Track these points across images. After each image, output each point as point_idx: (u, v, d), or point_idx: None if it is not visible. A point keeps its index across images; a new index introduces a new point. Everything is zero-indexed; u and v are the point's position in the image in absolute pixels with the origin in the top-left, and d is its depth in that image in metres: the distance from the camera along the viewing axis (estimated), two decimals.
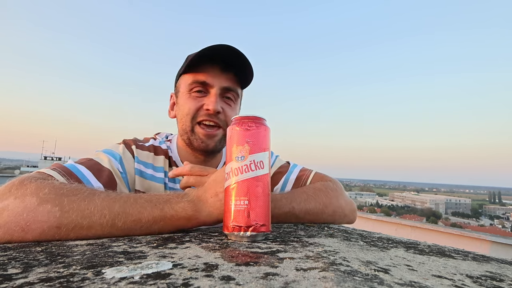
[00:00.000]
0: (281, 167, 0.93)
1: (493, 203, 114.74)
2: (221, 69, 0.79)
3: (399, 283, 0.31)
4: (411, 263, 0.40)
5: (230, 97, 0.82)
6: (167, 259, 0.36)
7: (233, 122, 0.54)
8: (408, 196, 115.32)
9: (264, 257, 0.39)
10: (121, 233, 0.51)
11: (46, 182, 0.53)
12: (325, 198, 0.75)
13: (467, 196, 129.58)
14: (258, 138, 0.51)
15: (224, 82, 0.79)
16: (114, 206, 0.51)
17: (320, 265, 0.35)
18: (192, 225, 0.55)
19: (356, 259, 0.40)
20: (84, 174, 0.66)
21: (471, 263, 0.43)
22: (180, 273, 0.31)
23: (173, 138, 0.91)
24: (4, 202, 0.49)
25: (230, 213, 0.49)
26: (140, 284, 0.28)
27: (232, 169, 0.50)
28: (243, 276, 0.31)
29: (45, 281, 0.28)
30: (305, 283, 0.29)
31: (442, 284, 0.32)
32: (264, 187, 0.51)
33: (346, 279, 0.31)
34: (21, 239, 0.46)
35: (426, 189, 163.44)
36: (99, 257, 0.37)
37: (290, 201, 0.70)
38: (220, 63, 0.79)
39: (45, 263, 0.34)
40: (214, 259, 0.37)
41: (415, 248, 0.51)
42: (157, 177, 0.81)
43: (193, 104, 0.79)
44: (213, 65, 0.79)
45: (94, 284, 0.27)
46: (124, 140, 0.83)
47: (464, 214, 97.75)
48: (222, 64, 0.79)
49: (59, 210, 0.48)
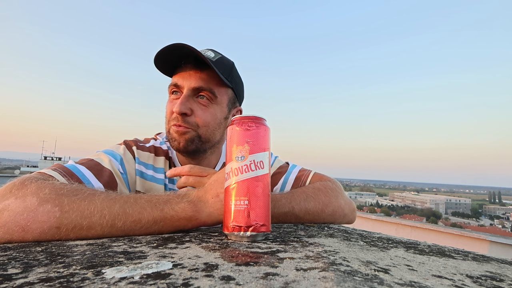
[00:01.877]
0: (281, 168, 0.93)
1: (493, 203, 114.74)
2: (195, 68, 0.77)
3: (399, 283, 0.31)
4: (411, 263, 0.40)
5: (204, 97, 0.78)
6: (167, 259, 0.36)
7: (233, 122, 0.54)
8: (408, 196, 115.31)
9: (264, 257, 0.39)
10: (121, 233, 0.51)
11: (46, 182, 0.53)
12: (325, 198, 0.75)
13: (467, 196, 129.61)
14: (258, 138, 0.51)
15: (194, 83, 0.77)
16: (114, 207, 0.51)
17: (320, 265, 0.35)
18: (192, 225, 0.55)
19: (356, 259, 0.40)
20: (84, 174, 0.66)
21: (471, 263, 0.43)
22: (180, 273, 0.31)
23: None
24: (4, 202, 0.49)
25: (230, 213, 0.49)
26: (140, 284, 0.28)
27: (232, 169, 0.50)
28: (243, 276, 0.31)
29: (45, 281, 0.28)
30: (305, 283, 0.29)
31: (442, 284, 0.32)
32: (264, 187, 0.51)
33: (346, 279, 0.31)
34: (21, 239, 0.46)
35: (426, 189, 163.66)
36: (99, 257, 0.37)
37: (290, 201, 0.70)
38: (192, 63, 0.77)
39: (45, 263, 0.34)
40: (214, 259, 0.37)
41: (415, 248, 0.51)
42: (157, 178, 0.81)
43: (169, 107, 0.80)
44: (185, 66, 0.78)
45: (94, 284, 0.27)
46: (125, 141, 0.83)
47: (464, 214, 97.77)
48: (193, 64, 0.77)
49: (59, 210, 0.48)
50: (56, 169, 0.64)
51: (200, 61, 0.76)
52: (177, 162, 0.86)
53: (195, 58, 0.76)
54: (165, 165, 0.84)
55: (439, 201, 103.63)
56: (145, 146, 0.84)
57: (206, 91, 0.78)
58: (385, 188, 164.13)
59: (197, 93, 0.78)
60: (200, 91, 0.78)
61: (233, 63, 0.86)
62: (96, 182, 0.67)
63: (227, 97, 0.83)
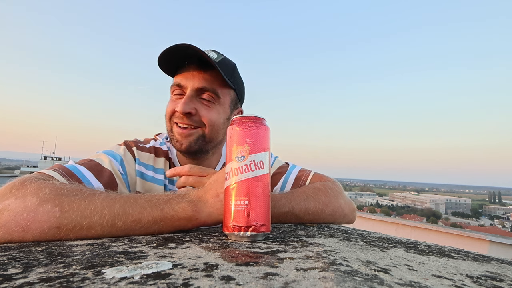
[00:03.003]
0: (280, 168, 0.94)
1: (493, 203, 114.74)
2: (198, 69, 0.78)
3: (399, 283, 0.31)
4: (411, 263, 0.40)
5: (208, 98, 0.79)
6: (167, 259, 0.36)
7: (233, 122, 0.54)
8: (408, 196, 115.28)
9: (264, 257, 0.39)
10: (121, 233, 0.51)
11: (46, 182, 0.54)
12: (325, 198, 0.75)
13: (467, 196, 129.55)
14: (258, 138, 0.51)
15: (197, 83, 0.77)
16: (114, 206, 0.51)
17: (320, 265, 0.35)
18: (192, 225, 0.55)
19: (356, 259, 0.40)
20: (84, 174, 0.66)
21: (471, 263, 0.43)
22: (180, 273, 0.31)
23: None
24: (4, 202, 0.49)
25: (230, 213, 0.49)
26: (140, 284, 0.28)
27: (232, 169, 0.51)
28: (243, 276, 0.31)
29: (45, 281, 0.28)
30: (305, 283, 0.29)
31: (442, 284, 0.32)
32: (264, 187, 0.51)
33: (346, 279, 0.31)
34: (21, 239, 0.46)
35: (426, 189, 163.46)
36: (99, 257, 0.37)
37: (290, 200, 0.70)
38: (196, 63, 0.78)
39: (45, 263, 0.34)
40: (214, 259, 0.37)
41: (415, 248, 0.51)
42: (157, 179, 0.81)
43: (170, 106, 0.80)
44: (188, 66, 0.78)
45: (94, 284, 0.28)
46: (125, 141, 0.83)
47: (464, 214, 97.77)
48: (196, 64, 0.78)
49: (59, 210, 0.48)
50: (56, 169, 0.64)
51: (204, 61, 0.77)
52: (177, 163, 0.86)
53: (199, 58, 0.76)
54: (165, 166, 0.84)
55: (439, 201, 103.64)
56: (145, 147, 0.84)
57: (209, 91, 0.78)
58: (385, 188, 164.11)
59: (200, 94, 0.79)
60: (204, 91, 0.78)
61: (235, 64, 0.86)
62: (96, 183, 0.67)
63: (229, 98, 0.84)
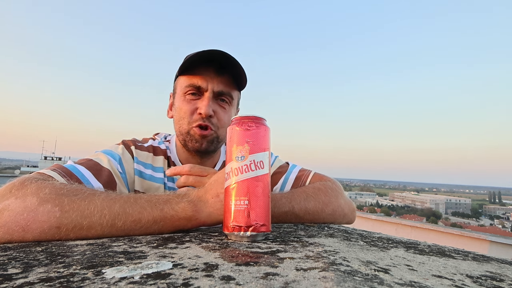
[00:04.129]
0: (281, 167, 0.94)
1: (493, 203, 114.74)
2: (215, 72, 0.80)
3: (399, 283, 0.31)
4: (411, 263, 0.40)
5: (224, 100, 0.82)
6: (167, 259, 0.36)
7: (233, 122, 0.54)
8: (408, 196, 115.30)
9: (264, 257, 0.39)
10: (121, 233, 0.51)
11: (46, 182, 0.54)
12: (325, 197, 0.75)
13: (467, 196, 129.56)
14: (258, 138, 0.51)
15: (217, 86, 0.80)
16: (114, 206, 0.51)
17: (320, 265, 0.35)
18: (192, 225, 0.55)
19: (356, 259, 0.40)
20: (84, 174, 0.66)
21: (471, 263, 0.43)
22: (180, 273, 0.31)
23: (172, 139, 0.92)
24: (4, 202, 0.49)
25: (230, 213, 0.49)
26: (140, 284, 0.28)
27: (232, 169, 0.50)
28: (243, 276, 0.31)
29: (45, 281, 0.28)
30: (305, 283, 0.29)
31: (442, 284, 0.32)
32: (264, 187, 0.51)
33: (346, 279, 0.31)
34: (21, 239, 0.46)
35: (426, 189, 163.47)
36: (99, 257, 0.37)
37: (290, 200, 0.70)
38: (214, 67, 0.79)
39: (45, 263, 0.34)
40: (214, 259, 0.37)
41: (415, 248, 0.51)
42: (156, 178, 0.81)
43: (188, 107, 0.80)
44: (207, 68, 0.79)
45: (94, 284, 0.27)
46: (123, 141, 0.83)
47: (464, 214, 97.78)
48: (216, 67, 0.80)
49: (59, 210, 0.48)
50: (55, 169, 0.64)
51: (223, 64, 0.79)
52: (178, 162, 0.86)
53: (219, 62, 0.78)
54: (164, 164, 0.84)
55: (439, 201, 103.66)
56: (143, 146, 0.84)
57: (226, 95, 0.82)
58: (385, 188, 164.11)
59: (219, 96, 0.81)
60: (222, 95, 0.81)
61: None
62: (95, 182, 0.67)
63: (237, 99, 0.88)
